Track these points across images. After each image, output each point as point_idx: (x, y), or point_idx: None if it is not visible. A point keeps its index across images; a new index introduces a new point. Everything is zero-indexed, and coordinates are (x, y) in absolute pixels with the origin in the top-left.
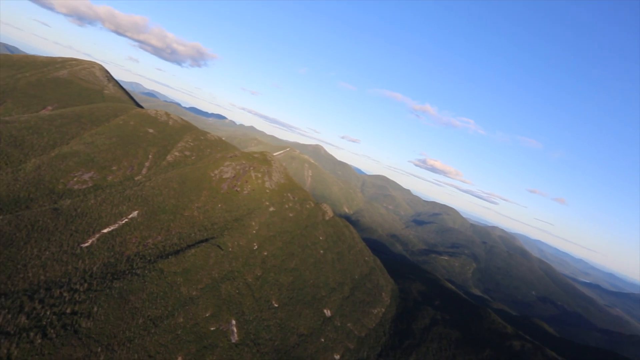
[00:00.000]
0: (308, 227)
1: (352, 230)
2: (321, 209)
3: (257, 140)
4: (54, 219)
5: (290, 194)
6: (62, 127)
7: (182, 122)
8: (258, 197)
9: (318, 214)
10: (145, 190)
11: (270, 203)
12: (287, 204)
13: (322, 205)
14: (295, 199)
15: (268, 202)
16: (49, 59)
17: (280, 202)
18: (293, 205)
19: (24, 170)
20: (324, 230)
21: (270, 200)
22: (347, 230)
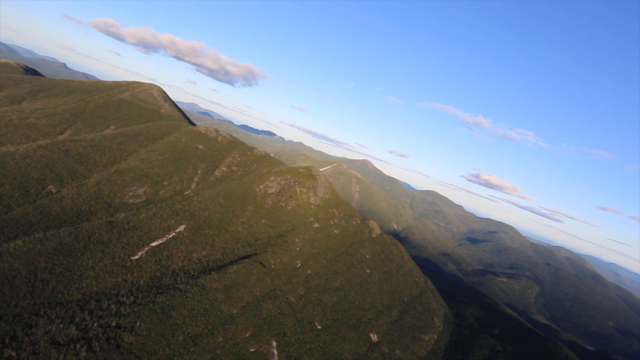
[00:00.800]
0: (354, 244)
1: (401, 249)
2: (368, 225)
3: (305, 156)
4: (109, 232)
5: (335, 209)
6: (122, 144)
7: (231, 138)
8: (302, 213)
9: (365, 231)
10: (193, 205)
11: (314, 219)
12: (333, 220)
13: (369, 222)
14: (341, 215)
15: (313, 218)
16: (115, 83)
17: (325, 218)
18: (338, 222)
19: (87, 185)
20: (370, 248)
21: (315, 216)
22: (396, 249)
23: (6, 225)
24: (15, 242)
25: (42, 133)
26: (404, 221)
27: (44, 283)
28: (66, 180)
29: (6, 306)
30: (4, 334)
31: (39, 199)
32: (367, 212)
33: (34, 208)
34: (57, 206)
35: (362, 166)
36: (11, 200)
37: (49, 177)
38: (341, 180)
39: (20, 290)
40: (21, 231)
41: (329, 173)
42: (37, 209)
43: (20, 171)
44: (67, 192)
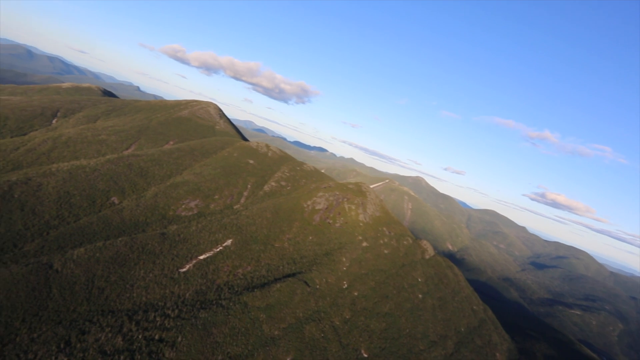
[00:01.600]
0: (405, 266)
1: (457, 272)
2: (420, 246)
3: (356, 172)
4: (161, 243)
5: (386, 228)
6: (179, 159)
7: (281, 153)
8: (351, 231)
9: (417, 252)
10: (241, 219)
11: (363, 237)
12: (382, 239)
13: (422, 242)
14: (392, 234)
15: (361, 237)
16: (176, 102)
17: (374, 237)
18: (389, 241)
19: (145, 197)
20: (423, 270)
21: (364, 235)
22: (451, 272)
23: (74, 233)
24: (79, 249)
25: (110, 148)
26: (459, 242)
27: (99, 290)
28: (127, 192)
29: (66, 311)
30: (60, 339)
31: (103, 209)
32: (420, 231)
33: (98, 218)
34: (117, 217)
35: (415, 183)
36: (80, 210)
37: (113, 189)
38: (392, 197)
39: (78, 296)
40: (85, 239)
41: (380, 190)
42: (101, 219)
43: (89, 183)
44: (127, 204)
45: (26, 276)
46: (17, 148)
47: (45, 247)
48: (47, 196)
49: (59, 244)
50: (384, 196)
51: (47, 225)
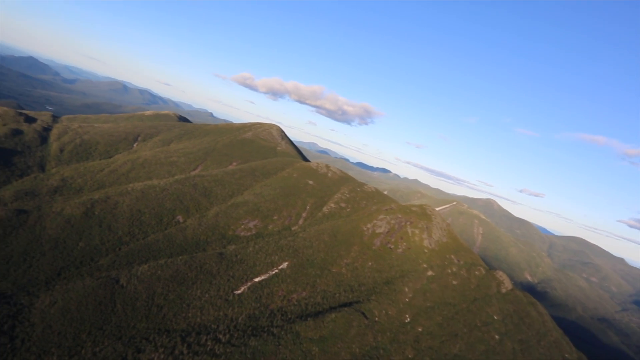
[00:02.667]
0: (477, 300)
1: (542, 312)
2: (496, 277)
3: (421, 194)
4: (218, 263)
5: (454, 255)
6: (240, 179)
7: (341, 174)
8: (414, 258)
9: (491, 284)
10: (298, 242)
11: (428, 265)
12: (450, 268)
13: (497, 273)
14: (461, 262)
15: (426, 265)
16: (241, 124)
17: (441, 266)
18: (457, 271)
19: (207, 217)
20: (499, 306)
21: (429, 262)
22: (535, 311)
23: (142, 249)
24: (143, 266)
25: (180, 169)
26: (540, 272)
27: (158, 308)
28: (191, 211)
29: (126, 327)
30: (118, 355)
31: (169, 227)
32: (493, 259)
33: (164, 235)
34: (181, 235)
35: (486, 206)
36: (148, 227)
37: (179, 208)
38: (461, 220)
39: (139, 312)
40: (151, 256)
41: (447, 213)
42: (166, 237)
43: (158, 202)
44: (191, 223)
45: (96, 290)
46: (103, 169)
47: (116, 262)
48: (122, 214)
49: (127, 259)
50: (451, 220)
51: (120, 241)
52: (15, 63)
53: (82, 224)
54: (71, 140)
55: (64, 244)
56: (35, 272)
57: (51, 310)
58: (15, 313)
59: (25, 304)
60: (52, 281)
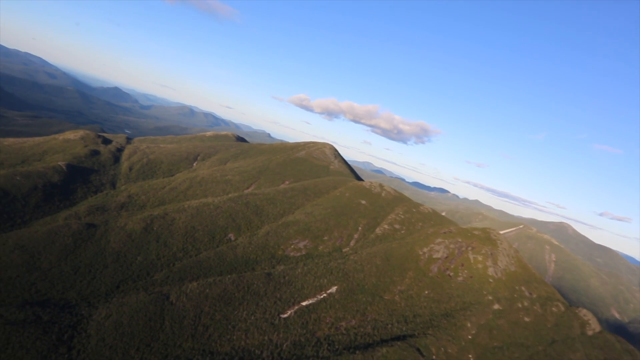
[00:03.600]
0: (556, 342)
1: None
2: (578, 316)
3: (482, 215)
4: (266, 284)
5: (524, 287)
6: (292, 198)
7: (395, 193)
8: (477, 288)
9: (573, 324)
10: (348, 265)
11: (494, 298)
12: (521, 302)
13: (580, 311)
14: (534, 296)
15: (491, 297)
16: (295, 144)
17: (510, 299)
18: (530, 306)
19: (257, 235)
20: (586, 352)
21: (495, 294)
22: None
23: (194, 266)
24: (193, 283)
25: (234, 187)
26: (630, 309)
27: (204, 328)
28: (243, 229)
29: (172, 345)
30: None
31: (220, 244)
32: (569, 291)
33: (215, 253)
34: (231, 253)
35: (559, 230)
36: (201, 244)
37: (231, 225)
38: (529, 246)
39: (185, 331)
40: (202, 273)
41: (513, 237)
42: (217, 254)
43: (212, 219)
44: (242, 241)
45: (147, 305)
46: (164, 187)
47: (169, 278)
48: (178, 230)
49: (180, 275)
50: (517, 244)
51: (174, 257)
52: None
53: (141, 239)
54: (139, 159)
55: (125, 258)
56: (98, 284)
57: (106, 323)
58: (75, 323)
59: (85, 314)
60: (112, 293)
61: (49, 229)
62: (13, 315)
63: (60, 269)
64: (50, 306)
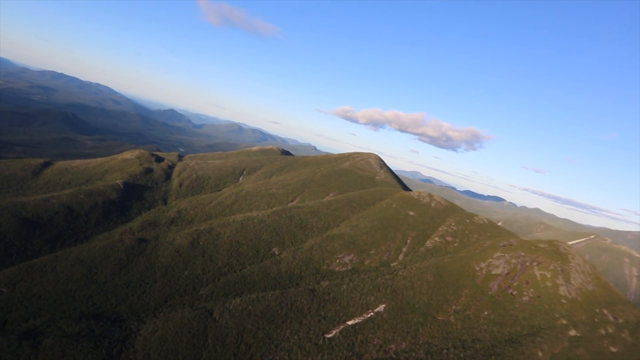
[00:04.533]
0: None
1: None
2: None
3: (545, 225)
4: (310, 301)
5: (607, 310)
6: (336, 210)
7: (446, 203)
8: (547, 310)
9: None
10: (397, 281)
11: (569, 322)
12: (604, 327)
13: None
14: (620, 321)
15: (566, 321)
16: (339, 155)
17: (589, 324)
18: (616, 333)
19: (302, 250)
20: None
21: (570, 318)
22: None
23: (238, 281)
24: (236, 299)
25: (278, 200)
26: None
27: (246, 347)
28: (287, 243)
29: None
30: None
31: (264, 259)
32: None
33: (259, 268)
34: (275, 268)
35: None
36: (245, 259)
37: (275, 240)
38: (604, 259)
39: (228, 349)
40: (245, 288)
41: (583, 248)
42: (261, 269)
43: (256, 233)
44: (285, 255)
45: (191, 321)
46: (211, 202)
47: (214, 293)
48: (223, 244)
49: (224, 290)
50: (589, 256)
51: (219, 272)
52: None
53: (188, 253)
54: (189, 176)
55: (173, 272)
56: (147, 298)
57: (152, 339)
58: (124, 337)
59: (133, 329)
60: (160, 307)
61: (106, 244)
62: (70, 328)
63: (114, 282)
64: (103, 319)
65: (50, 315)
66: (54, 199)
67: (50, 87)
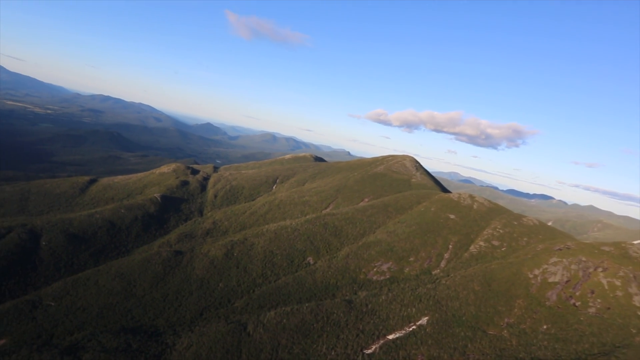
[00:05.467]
0: None
1: None
2: None
3: (602, 224)
4: (347, 313)
5: None
6: (372, 216)
7: (489, 205)
8: (621, 324)
9: None
10: (440, 290)
11: None
12: None
13: None
14: None
15: None
16: (373, 159)
17: None
18: None
19: (337, 258)
20: None
21: None
22: None
23: (272, 293)
24: (271, 312)
25: (312, 208)
26: None
27: None
28: (322, 252)
29: None
30: None
31: (299, 269)
32: None
33: (294, 278)
34: (310, 278)
35: None
36: (280, 269)
37: (309, 248)
38: None
39: None
40: (280, 300)
41: None
42: (296, 280)
43: (290, 243)
44: (321, 265)
45: (225, 336)
46: (245, 212)
47: (249, 305)
48: (257, 255)
49: (259, 303)
50: None
51: (254, 283)
52: (198, 129)
53: (223, 265)
54: (223, 186)
55: (208, 284)
56: (183, 311)
57: (186, 354)
58: (160, 352)
59: (169, 343)
60: (195, 321)
61: (144, 257)
62: (109, 343)
63: (152, 295)
64: (141, 333)
65: (92, 329)
66: (97, 214)
67: (98, 109)
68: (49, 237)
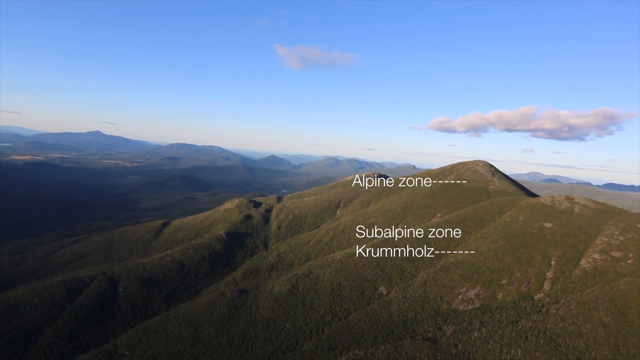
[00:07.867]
0: None
1: None
2: None
3: None
4: (432, 357)
5: None
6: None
7: (595, 206)
8: None
9: None
10: (552, 323)
11: None
12: None
13: None
14: None
15: None
16: (440, 169)
17: None
18: None
19: (413, 286)
20: None
21: None
22: None
23: (343, 331)
24: (341, 357)
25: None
26: None
27: None
28: (395, 280)
29: None
30: None
31: (371, 302)
32: None
33: (366, 313)
34: (385, 312)
35: None
36: (350, 303)
37: (380, 277)
38: None
39: None
40: (353, 341)
41: None
42: (368, 315)
43: (358, 272)
44: (395, 295)
45: None
46: (309, 241)
47: (319, 347)
48: (323, 289)
49: (329, 345)
50: None
51: (322, 321)
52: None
53: (288, 302)
54: (286, 217)
55: (274, 325)
56: (250, 357)
57: None
58: None
59: None
60: None
61: (209, 299)
62: None
63: (218, 340)
64: None
65: None
66: (168, 257)
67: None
68: (125, 284)
